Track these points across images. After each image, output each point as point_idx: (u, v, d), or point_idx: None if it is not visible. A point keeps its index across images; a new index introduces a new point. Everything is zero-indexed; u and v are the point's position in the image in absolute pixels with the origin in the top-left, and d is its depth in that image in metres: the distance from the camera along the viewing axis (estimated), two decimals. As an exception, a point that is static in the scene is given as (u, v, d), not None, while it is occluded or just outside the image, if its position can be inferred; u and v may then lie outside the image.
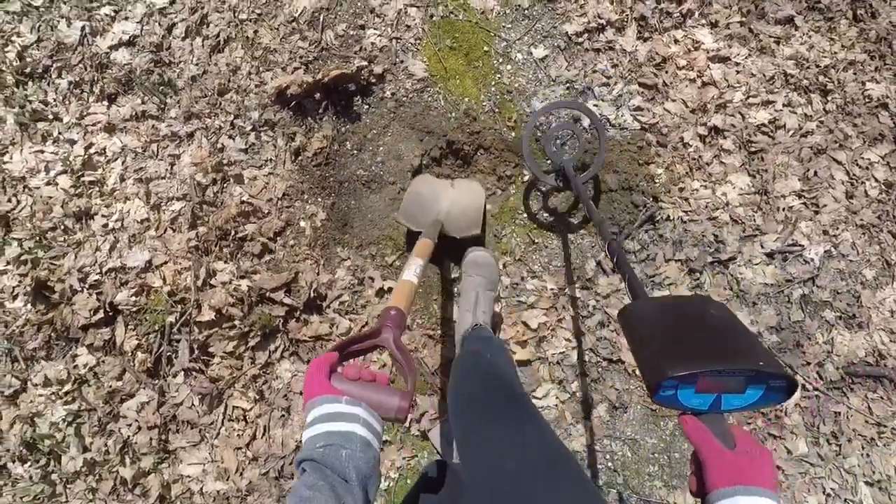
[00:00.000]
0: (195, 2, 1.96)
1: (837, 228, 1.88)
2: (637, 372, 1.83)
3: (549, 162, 1.87)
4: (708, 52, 1.99)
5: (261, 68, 1.95)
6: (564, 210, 1.93)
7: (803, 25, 1.99)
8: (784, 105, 1.95)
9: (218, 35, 1.95)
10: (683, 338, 0.77)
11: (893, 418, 1.82)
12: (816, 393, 1.84)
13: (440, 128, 1.94)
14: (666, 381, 0.70)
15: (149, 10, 1.95)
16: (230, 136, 1.91)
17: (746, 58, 1.98)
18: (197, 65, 1.94)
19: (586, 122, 1.91)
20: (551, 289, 1.85)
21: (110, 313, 1.72)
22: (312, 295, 1.78)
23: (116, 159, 1.86)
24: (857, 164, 1.92)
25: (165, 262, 1.79)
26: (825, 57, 1.97)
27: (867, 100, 1.94)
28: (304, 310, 1.79)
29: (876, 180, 1.90)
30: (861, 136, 1.93)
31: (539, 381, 1.83)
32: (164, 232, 1.82)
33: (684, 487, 1.82)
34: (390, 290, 1.84)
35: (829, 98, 1.95)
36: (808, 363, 1.85)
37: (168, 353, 1.74)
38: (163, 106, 1.91)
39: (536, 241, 1.90)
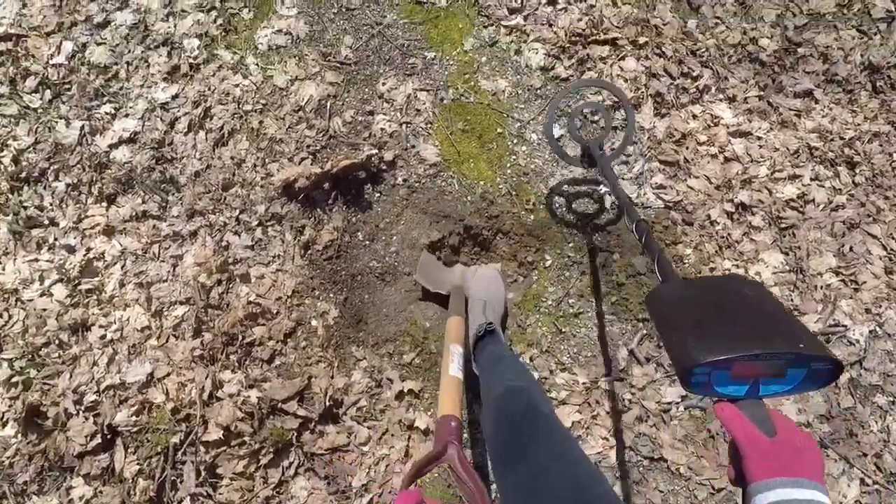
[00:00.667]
0: (198, 95, 1.91)
1: (880, 306, 1.78)
2: (683, 471, 1.68)
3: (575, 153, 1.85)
4: (728, 127, 1.93)
5: (266, 160, 1.87)
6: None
7: (823, 98, 1.94)
8: (811, 179, 1.88)
9: (222, 128, 1.89)
10: (716, 320, 0.72)
11: (961, 511, 1.68)
12: (877, 487, 1.69)
13: (456, 213, 1.85)
14: (698, 368, 0.66)
15: (150, 105, 1.89)
16: (235, 233, 1.81)
17: (768, 132, 1.93)
18: (200, 159, 1.86)
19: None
20: (583, 382, 1.73)
21: (108, 436, 1.58)
22: (328, 403, 1.65)
23: (115, 263, 1.75)
24: (894, 238, 1.84)
25: (168, 374, 1.66)
26: (849, 129, 1.92)
27: (896, 170, 1.88)
28: (320, 420, 1.65)
29: (915, 254, 1.82)
30: (895, 209, 1.86)
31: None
32: (167, 340, 1.70)
33: None
34: (410, 391, 1.71)
35: (856, 171, 1.89)
36: (865, 454, 1.71)
37: (172, 478, 1.59)
38: (164, 204, 1.82)
39: (563, 330, 1.78)
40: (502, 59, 2.00)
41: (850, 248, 1.83)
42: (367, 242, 1.85)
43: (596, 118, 1.95)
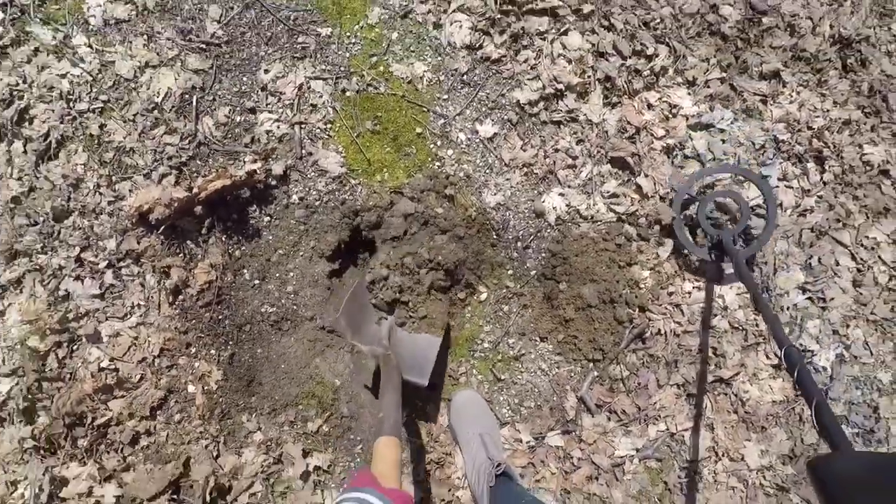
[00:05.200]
0: (8, 90, 1.41)
1: (847, 325, 1.60)
2: (636, 528, 1.48)
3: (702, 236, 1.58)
4: (688, 119, 1.64)
5: (114, 178, 1.43)
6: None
7: (791, 80, 1.67)
8: (779, 179, 1.64)
9: (47, 135, 1.41)
10: None
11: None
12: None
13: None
14: None
15: (-60, 103, 1.38)
16: (77, 278, 1.39)
17: (732, 123, 1.65)
18: (19, 180, 1.40)
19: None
20: (526, 441, 1.47)
21: None
22: (210, 495, 1.31)
23: None
24: (863, 245, 1.64)
25: (-10, 475, 1.27)
26: (817, 116, 1.67)
27: (867, 166, 1.66)
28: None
29: (885, 263, 1.63)
30: (864, 211, 1.65)
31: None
32: (-14, 430, 1.29)
33: None
34: (317, 468, 1.40)
35: (825, 167, 1.66)
36: (828, 489, 1.57)
37: None
38: (-29, 244, 1.36)
39: (502, 377, 1.50)
40: (418, 34, 1.59)
41: (819, 260, 1.62)
42: (257, 282, 1.47)
43: (724, 208, 1.62)
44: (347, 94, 1.54)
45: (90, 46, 1.44)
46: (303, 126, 1.51)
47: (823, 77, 1.71)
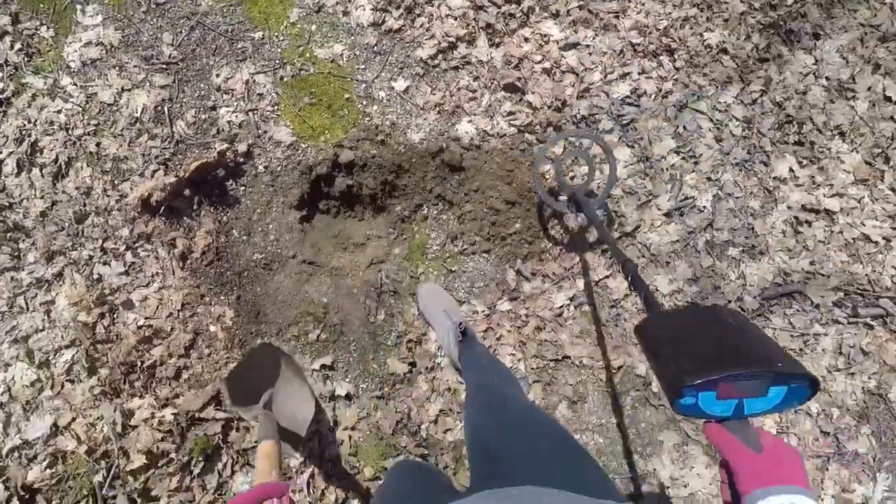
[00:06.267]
0: (18, 131, 1.78)
1: (717, 172, 2.00)
2: (586, 361, 1.87)
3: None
4: (558, 43, 2.04)
5: (115, 181, 1.80)
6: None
7: (634, -5, 2.08)
8: (639, 73, 2.04)
9: (56, 160, 1.78)
10: (699, 346, 0.77)
11: (812, 325, 1.97)
12: (744, 327, 1.95)
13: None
14: (686, 390, 0.70)
15: (-32, 153, 1.75)
16: (104, 263, 1.75)
17: (594, 38, 2.05)
18: (42, 198, 1.76)
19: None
20: (482, 311, 1.85)
21: (27, 496, 1.54)
22: (245, 400, 1.68)
23: (-19, 327, 1.66)
24: (717, 109, 2.05)
25: (73, 420, 1.63)
26: (662, 19, 2.08)
27: (708, 49, 2.07)
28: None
29: (737, 119, 2.04)
30: (713, 83, 2.06)
31: (498, 404, 1.83)
32: (62, 388, 1.65)
33: (658, 453, 1.88)
34: (323, 366, 1.77)
35: (675, 56, 2.06)
36: (729, 301, 1.96)
37: (107, 515, 1.58)
38: (17, 253, 1.72)
39: (453, 269, 1.89)
40: (332, 23, 1.99)
41: (684, 127, 2.02)
42: (245, 237, 1.85)
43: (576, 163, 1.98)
44: (285, 79, 1.92)
45: (75, 84, 1.82)
46: (255, 112, 1.89)
47: (660, -13, 2.13)
